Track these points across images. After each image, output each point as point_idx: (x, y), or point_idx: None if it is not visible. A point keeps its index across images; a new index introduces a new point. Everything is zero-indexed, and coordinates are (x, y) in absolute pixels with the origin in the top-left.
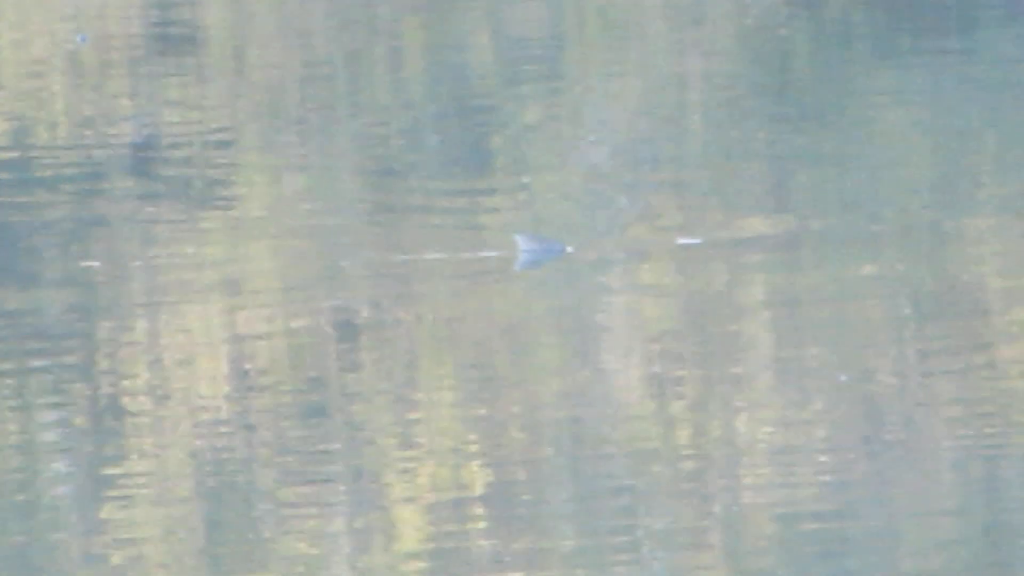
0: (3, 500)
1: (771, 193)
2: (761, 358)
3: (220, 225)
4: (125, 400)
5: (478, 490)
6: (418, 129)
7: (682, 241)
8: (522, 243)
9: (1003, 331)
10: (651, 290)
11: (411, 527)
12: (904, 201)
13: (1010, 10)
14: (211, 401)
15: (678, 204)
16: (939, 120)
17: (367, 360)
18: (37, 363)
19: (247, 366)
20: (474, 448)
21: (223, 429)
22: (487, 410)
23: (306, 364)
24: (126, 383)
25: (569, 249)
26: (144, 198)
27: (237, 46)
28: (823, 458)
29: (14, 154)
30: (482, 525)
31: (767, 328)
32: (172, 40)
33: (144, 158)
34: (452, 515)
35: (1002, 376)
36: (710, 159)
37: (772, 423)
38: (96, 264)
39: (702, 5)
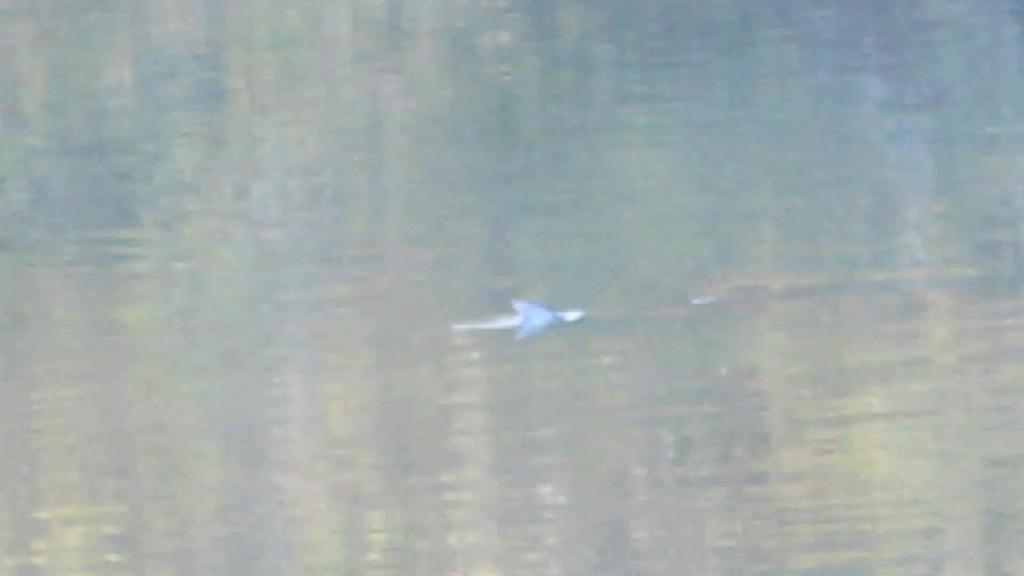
0: None
1: (487, 260)
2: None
3: None
4: None
5: None
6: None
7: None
8: None
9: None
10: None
11: None
12: (655, 274)
13: (787, 46)
14: None
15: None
16: (702, 175)
17: None
18: None
19: None
20: None
21: None
22: None
23: None
24: None
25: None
26: None
27: None
28: None
29: None
30: None
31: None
32: None
33: None
34: None
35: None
36: (410, 215)
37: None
38: None
39: (404, 23)
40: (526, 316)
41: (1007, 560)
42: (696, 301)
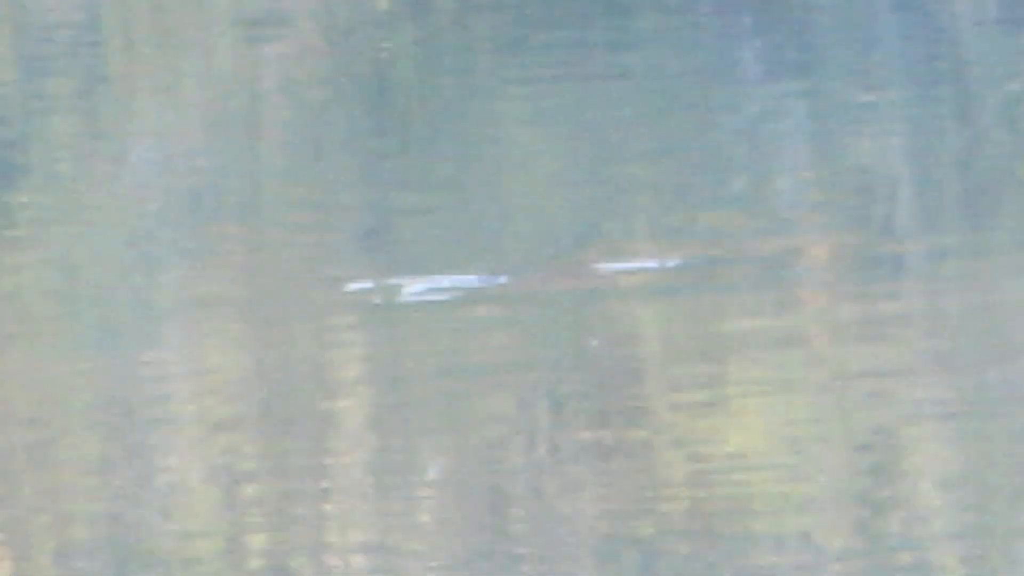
0: None
1: (365, 230)
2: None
3: None
4: None
5: None
6: None
7: None
8: None
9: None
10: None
11: None
12: (532, 244)
13: (666, 17)
14: None
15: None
16: (581, 148)
17: None
18: None
19: None
20: None
21: None
22: None
23: None
24: None
25: None
26: None
27: None
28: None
29: None
30: None
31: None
32: None
33: None
34: None
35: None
36: (288, 185)
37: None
38: None
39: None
40: (405, 282)
41: (880, 530)
42: (571, 271)
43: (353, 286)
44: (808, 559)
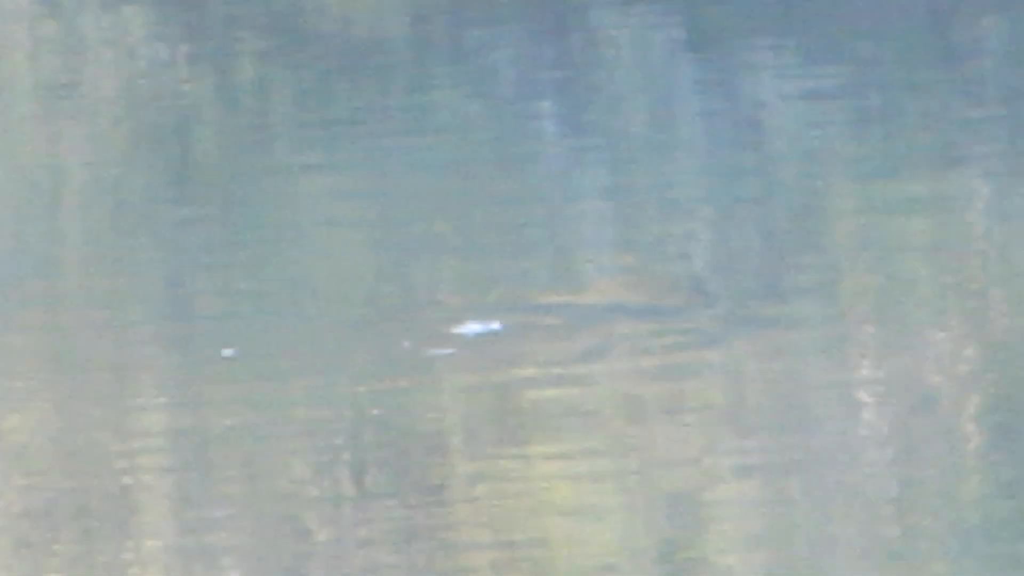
0: None
1: (166, 303)
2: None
3: None
4: None
5: None
6: None
7: None
8: None
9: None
10: None
11: None
12: (334, 312)
13: (458, 70)
14: None
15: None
16: (376, 199)
17: None
18: None
19: None
20: None
21: None
22: None
23: None
24: None
25: None
26: None
27: None
28: None
29: None
30: None
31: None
32: None
33: None
34: None
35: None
36: (88, 260)
37: None
38: None
39: (76, 64)
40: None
41: None
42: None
43: (150, 361)
44: None
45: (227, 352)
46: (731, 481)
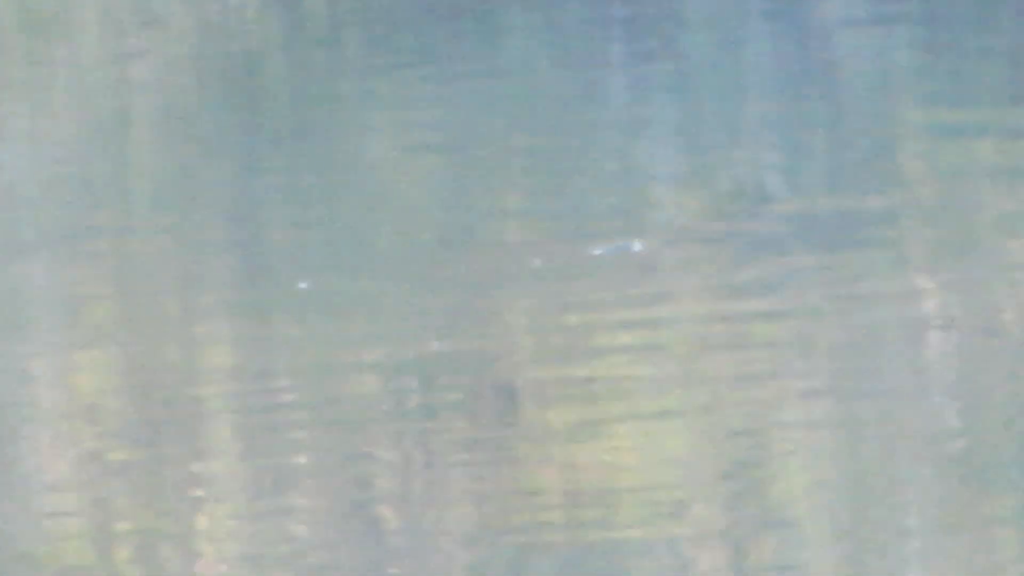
0: None
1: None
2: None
3: None
4: None
5: None
6: None
7: None
8: None
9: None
10: None
11: None
12: (402, 249)
13: (532, 21)
14: None
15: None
16: (445, 140)
17: None
18: None
19: None
20: None
21: None
22: None
23: None
24: None
25: None
26: None
27: None
28: None
29: None
30: None
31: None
32: None
33: None
34: None
35: None
36: (159, 197)
37: None
38: None
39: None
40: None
41: (751, 539)
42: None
43: (221, 299)
44: (677, 565)
45: (302, 285)
46: (803, 426)
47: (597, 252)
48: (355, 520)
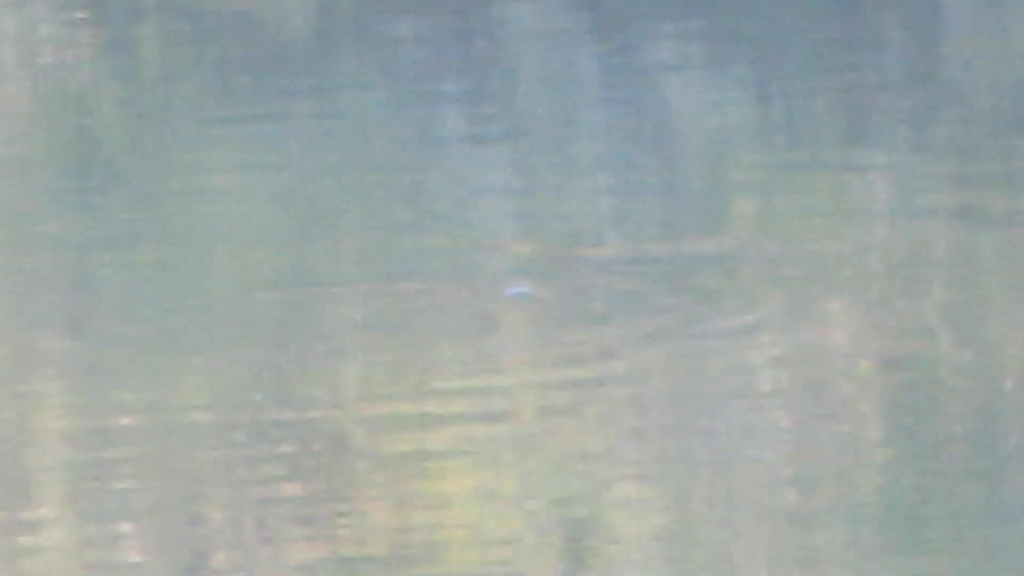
0: None
1: (64, 288)
2: None
3: None
4: None
5: None
6: None
7: None
8: None
9: None
10: None
11: None
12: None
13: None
14: None
15: None
16: (280, 185)
17: None
18: None
19: None
20: None
21: None
22: None
23: None
24: None
25: None
26: None
27: None
28: None
29: None
30: None
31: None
32: None
33: None
34: None
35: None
36: None
37: None
38: None
39: None
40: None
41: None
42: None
43: (48, 346)
44: None
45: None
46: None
47: (508, 293)
48: (189, 559)
